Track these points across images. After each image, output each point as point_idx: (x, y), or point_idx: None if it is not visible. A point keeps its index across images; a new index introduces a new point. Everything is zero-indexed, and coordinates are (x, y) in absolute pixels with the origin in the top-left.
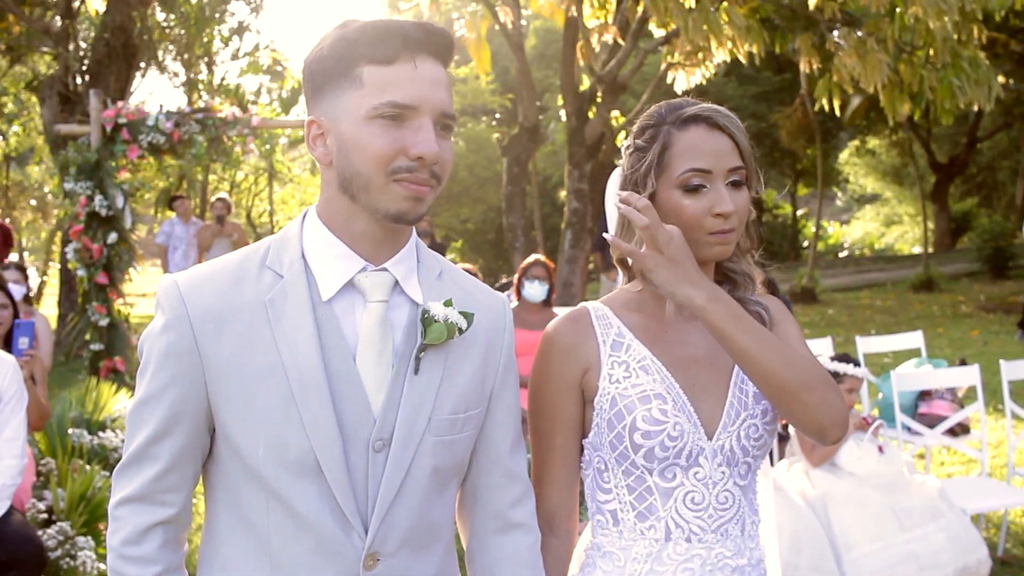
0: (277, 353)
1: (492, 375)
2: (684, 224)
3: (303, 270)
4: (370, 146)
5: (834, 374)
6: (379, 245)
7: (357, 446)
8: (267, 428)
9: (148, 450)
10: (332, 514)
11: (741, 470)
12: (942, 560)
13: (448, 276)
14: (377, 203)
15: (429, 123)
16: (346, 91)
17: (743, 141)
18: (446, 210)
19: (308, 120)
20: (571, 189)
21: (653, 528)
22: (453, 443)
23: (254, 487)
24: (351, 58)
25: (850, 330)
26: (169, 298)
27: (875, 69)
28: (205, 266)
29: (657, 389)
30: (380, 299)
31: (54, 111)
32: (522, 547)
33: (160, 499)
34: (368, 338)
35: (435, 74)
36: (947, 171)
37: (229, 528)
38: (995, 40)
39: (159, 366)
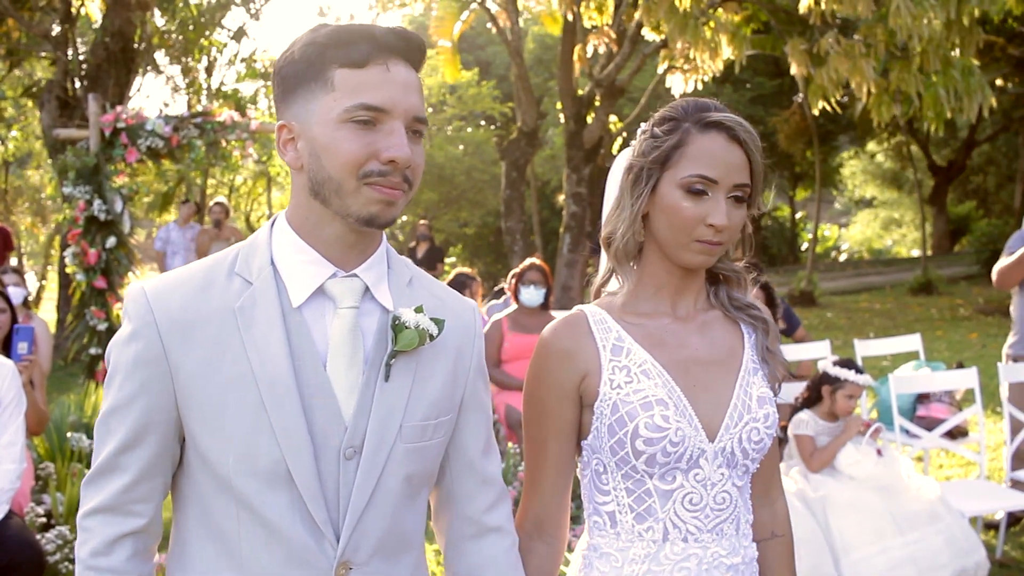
0: (247, 361)
1: (463, 381)
2: (675, 225)
3: (272, 276)
4: (342, 149)
5: (835, 379)
6: (349, 250)
7: (328, 454)
8: (237, 437)
9: (117, 460)
10: (303, 523)
11: (739, 471)
12: (940, 563)
13: (418, 282)
14: (349, 207)
15: (401, 127)
16: (317, 94)
17: (757, 160)
18: (445, 214)
19: (279, 124)
20: (569, 193)
21: (651, 529)
22: (424, 450)
23: (224, 497)
24: (322, 61)
25: (848, 333)
26: (136, 306)
27: (862, 74)
28: (172, 273)
29: (659, 394)
30: (351, 305)
31: (53, 115)
32: (499, 551)
33: (130, 510)
34: (339, 345)
35: (407, 78)
36: (945, 174)
37: (198, 538)
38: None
39: (127, 375)
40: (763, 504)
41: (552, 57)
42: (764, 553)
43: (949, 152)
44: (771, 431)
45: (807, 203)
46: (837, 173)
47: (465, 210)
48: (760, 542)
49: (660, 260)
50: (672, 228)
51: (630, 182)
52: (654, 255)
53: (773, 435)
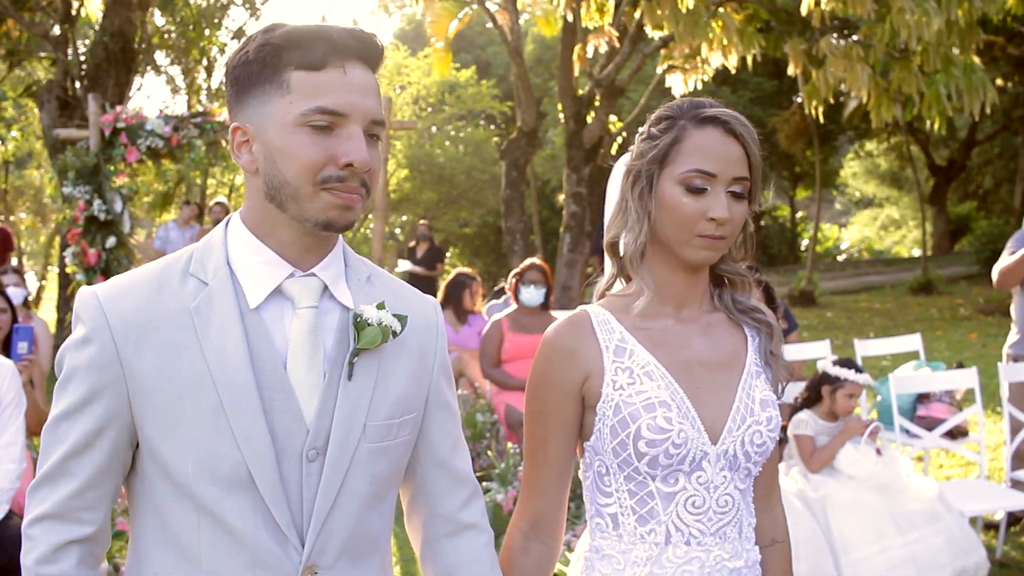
0: (204, 363)
1: (427, 379)
2: (677, 222)
3: (228, 276)
4: (299, 154)
5: (835, 379)
6: (306, 251)
7: (290, 456)
8: (196, 442)
9: (66, 466)
10: (267, 527)
11: (742, 474)
12: (940, 562)
13: (377, 280)
14: (306, 212)
15: (359, 131)
16: (272, 97)
17: (755, 153)
18: (444, 214)
19: (232, 127)
20: (569, 193)
21: (654, 532)
22: (389, 449)
23: (183, 504)
24: (278, 63)
25: (848, 333)
26: (88, 309)
27: (856, 77)
28: (125, 276)
29: (662, 396)
30: (310, 305)
31: (53, 115)
32: (476, 547)
33: (77, 517)
34: (299, 345)
35: (365, 81)
36: (945, 174)
37: (156, 546)
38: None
39: (80, 379)
40: (764, 509)
41: (552, 57)
42: (764, 560)
43: (949, 152)
44: (774, 434)
45: (807, 203)
46: (837, 173)
47: (465, 210)
48: (762, 548)
49: (663, 260)
50: (674, 225)
51: (631, 184)
52: (657, 255)
53: (776, 438)
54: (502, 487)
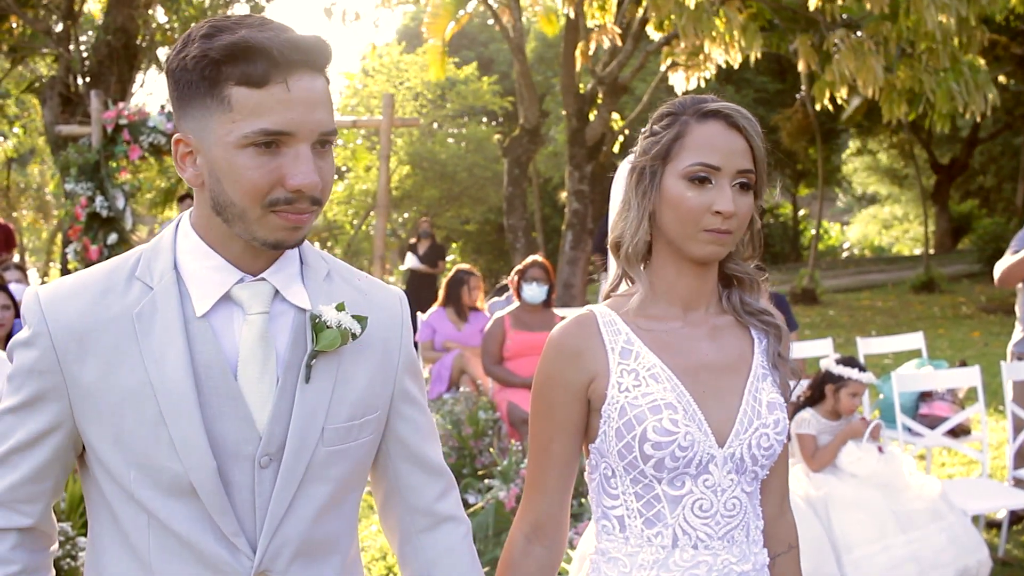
0: (144, 371)
1: (392, 375)
2: (682, 217)
3: (175, 281)
4: (244, 177)
5: (838, 377)
6: (256, 258)
7: (242, 464)
8: (137, 451)
9: (9, 458)
10: (214, 534)
11: (749, 477)
12: (943, 561)
13: (337, 275)
14: (254, 232)
15: (307, 149)
16: (213, 112)
17: (759, 146)
18: (446, 211)
19: (175, 138)
20: (572, 190)
21: (660, 535)
22: (349, 451)
23: (132, 507)
24: (217, 78)
25: (851, 331)
26: (31, 313)
27: (869, 72)
28: (71, 278)
29: (668, 398)
30: (260, 311)
31: (55, 112)
32: (455, 540)
33: (15, 507)
34: (249, 352)
35: (310, 93)
36: (948, 172)
37: (111, 544)
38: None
39: (24, 380)
40: (779, 515)
41: (554, 55)
42: (782, 567)
43: (951, 150)
44: (781, 437)
45: (810, 201)
46: (840, 171)
47: (467, 207)
48: (778, 556)
49: (670, 259)
50: (679, 220)
51: (635, 182)
52: (663, 254)
53: (783, 441)
54: (504, 484)
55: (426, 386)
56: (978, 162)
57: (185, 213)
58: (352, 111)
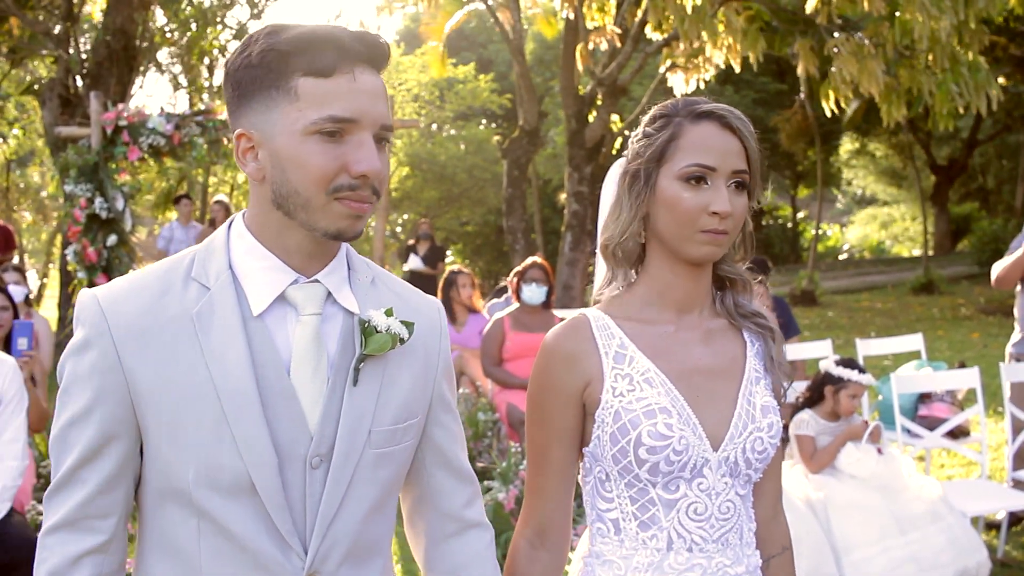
0: (206, 370)
1: (431, 381)
2: (678, 218)
3: (231, 281)
4: (310, 164)
5: (838, 379)
6: (311, 258)
7: (294, 463)
8: (198, 449)
9: (76, 474)
10: (268, 534)
11: (742, 481)
12: (942, 562)
13: (381, 282)
14: (316, 222)
15: (370, 138)
16: (279, 103)
17: (752, 147)
18: (446, 212)
19: (236, 133)
20: (571, 192)
21: (655, 538)
22: (394, 454)
23: (184, 510)
24: (284, 69)
25: (850, 332)
26: (89, 313)
27: (871, 75)
28: (125, 279)
29: (662, 403)
30: (313, 312)
31: (55, 113)
32: (481, 547)
33: (89, 525)
34: (302, 352)
35: (374, 86)
36: (947, 174)
37: (155, 554)
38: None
39: (83, 386)
40: (772, 518)
41: (553, 56)
42: (776, 569)
43: (950, 151)
44: (775, 441)
45: (809, 202)
46: (839, 173)
47: (466, 208)
48: (772, 558)
49: (664, 261)
50: (675, 222)
51: (627, 185)
52: (657, 257)
53: (776, 444)
54: (503, 486)
55: None
56: (977, 163)
57: (238, 214)
58: None
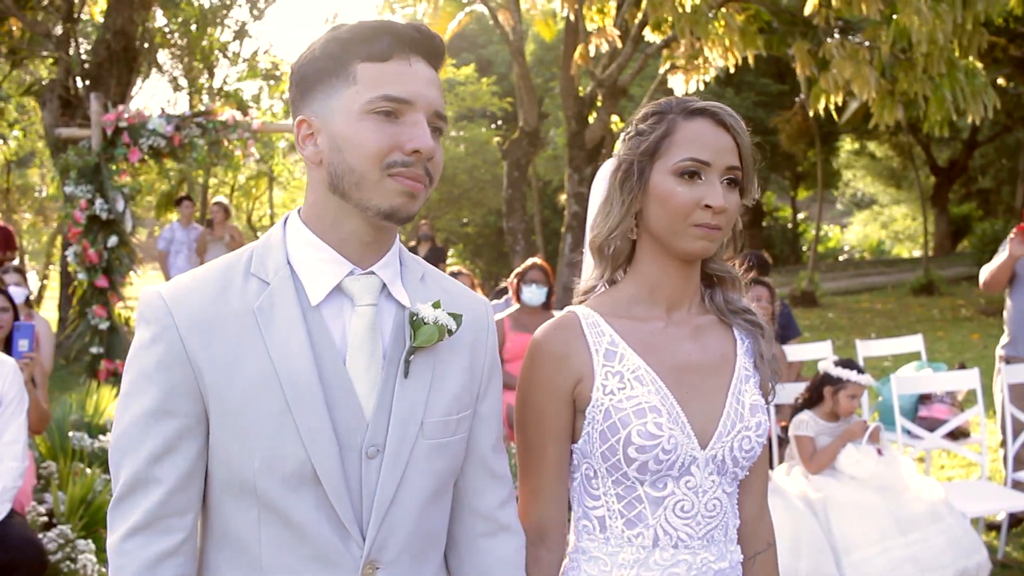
0: (270, 362)
1: (479, 376)
2: (671, 212)
3: (289, 276)
4: (365, 141)
5: (837, 380)
6: (366, 248)
7: (351, 453)
8: (262, 440)
9: (150, 472)
10: (329, 523)
11: (729, 479)
12: (942, 563)
13: (430, 279)
14: (369, 200)
15: (423, 119)
16: (339, 89)
17: (745, 144)
18: (446, 213)
19: (297, 120)
20: (571, 193)
21: (641, 535)
22: (448, 446)
23: (245, 501)
24: (344, 57)
25: (850, 333)
26: (154, 310)
27: (864, 80)
28: (187, 276)
29: (652, 401)
30: (369, 303)
31: (55, 115)
32: (510, 551)
33: (168, 525)
34: (358, 342)
35: (428, 74)
36: (947, 175)
37: (215, 547)
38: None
39: (150, 381)
40: (759, 516)
41: (553, 57)
42: (761, 565)
43: (950, 152)
44: (762, 439)
45: (809, 203)
46: (839, 174)
47: (466, 210)
48: (759, 554)
49: (655, 257)
50: (668, 216)
51: (619, 181)
52: (648, 253)
53: (764, 443)
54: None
55: None
56: (977, 164)
57: (293, 211)
58: None
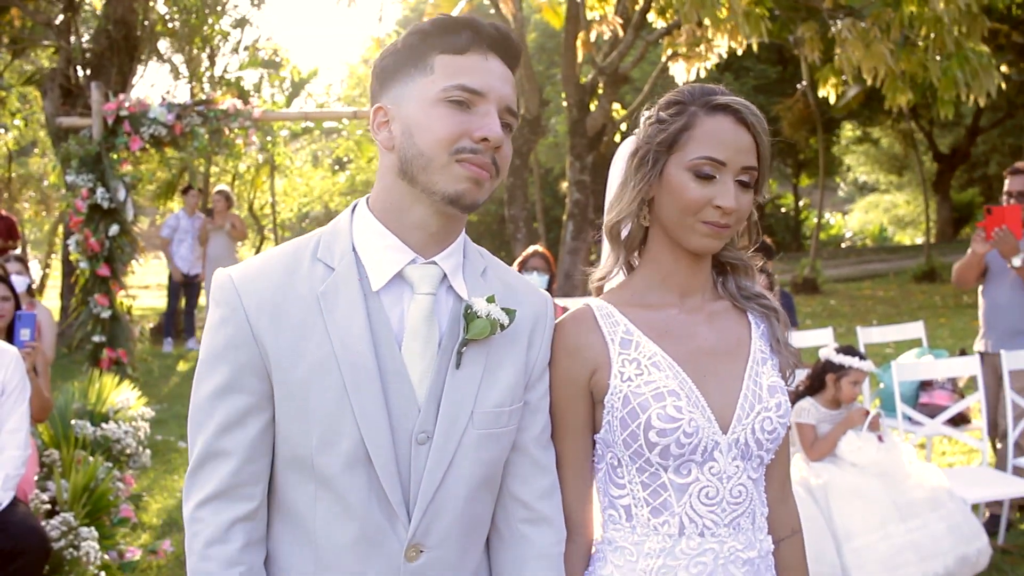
0: (331, 345)
1: (531, 369)
2: (682, 207)
3: (354, 262)
4: (436, 125)
5: (839, 367)
6: (430, 238)
7: (402, 436)
8: (321, 419)
9: (220, 444)
10: (379, 503)
11: (754, 463)
12: (942, 549)
13: (492, 272)
14: (436, 184)
15: (494, 110)
16: (416, 79)
17: (764, 143)
18: None
19: (375, 107)
20: (573, 181)
21: (667, 523)
22: (498, 436)
23: (302, 477)
24: (424, 49)
25: (852, 320)
26: (224, 292)
27: (879, 59)
28: (257, 259)
29: (670, 385)
30: (428, 291)
31: (56, 104)
32: (547, 544)
33: (240, 493)
34: (415, 329)
35: (503, 71)
36: (949, 161)
37: (277, 517)
38: (997, 31)
39: (220, 359)
40: (781, 500)
41: (554, 45)
42: (786, 551)
43: (953, 139)
44: (784, 420)
45: (811, 190)
46: (841, 161)
47: None
48: (782, 540)
49: (666, 246)
50: (678, 210)
51: (635, 166)
52: (660, 242)
53: (787, 424)
54: None
55: None
56: (980, 151)
57: (361, 199)
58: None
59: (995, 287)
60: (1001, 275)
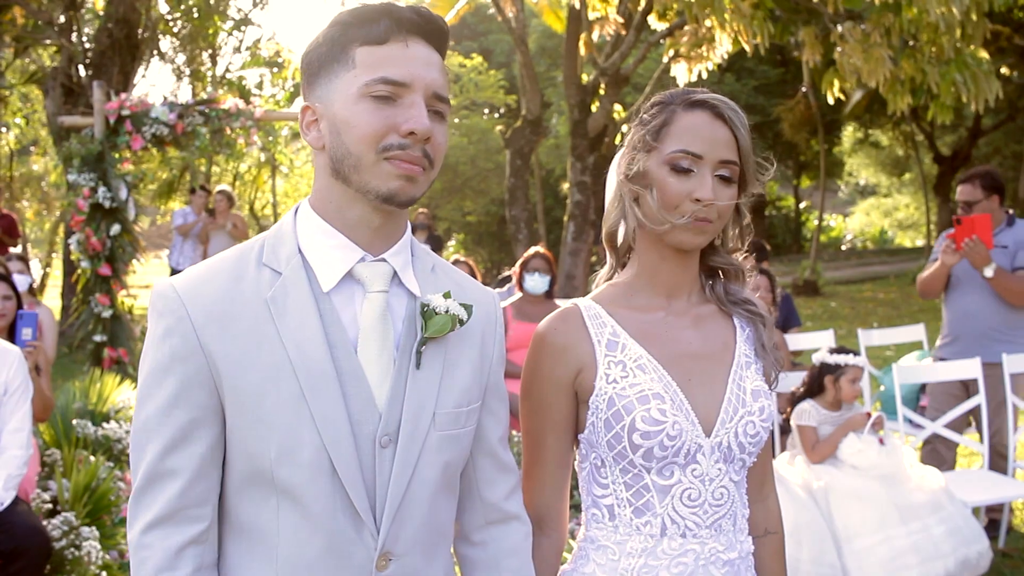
0: (284, 350)
1: (487, 368)
2: (663, 202)
3: (301, 264)
4: (361, 123)
5: (835, 367)
6: (375, 234)
7: (364, 441)
8: (278, 428)
9: (165, 464)
10: (344, 512)
11: (736, 466)
12: (943, 552)
13: (440, 270)
14: (368, 183)
15: (420, 100)
16: (339, 73)
17: (743, 138)
18: (448, 202)
19: (302, 107)
20: (574, 181)
21: (649, 524)
22: (458, 437)
23: (263, 491)
24: (344, 41)
25: (852, 323)
26: (167, 302)
27: (878, 63)
28: (200, 267)
29: (655, 388)
30: (380, 289)
31: (58, 103)
32: (518, 540)
33: (188, 515)
34: (369, 329)
35: (428, 55)
36: (950, 164)
37: (229, 539)
38: (998, 34)
39: (165, 373)
40: (757, 500)
41: (556, 46)
42: (758, 550)
43: (954, 141)
44: (767, 424)
45: (812, 192)
46: (842, 163)
47: (469, 198)
48: (754, 539)
49: (652, 245)
50: (660, 206)
51: (622, 168)
52: (646, 241)
53: (769, 428)
54: None
55: None
56: (981, 153)
57: (304, 200)
58: None
59: (961, 295)
60: (968, 283)
